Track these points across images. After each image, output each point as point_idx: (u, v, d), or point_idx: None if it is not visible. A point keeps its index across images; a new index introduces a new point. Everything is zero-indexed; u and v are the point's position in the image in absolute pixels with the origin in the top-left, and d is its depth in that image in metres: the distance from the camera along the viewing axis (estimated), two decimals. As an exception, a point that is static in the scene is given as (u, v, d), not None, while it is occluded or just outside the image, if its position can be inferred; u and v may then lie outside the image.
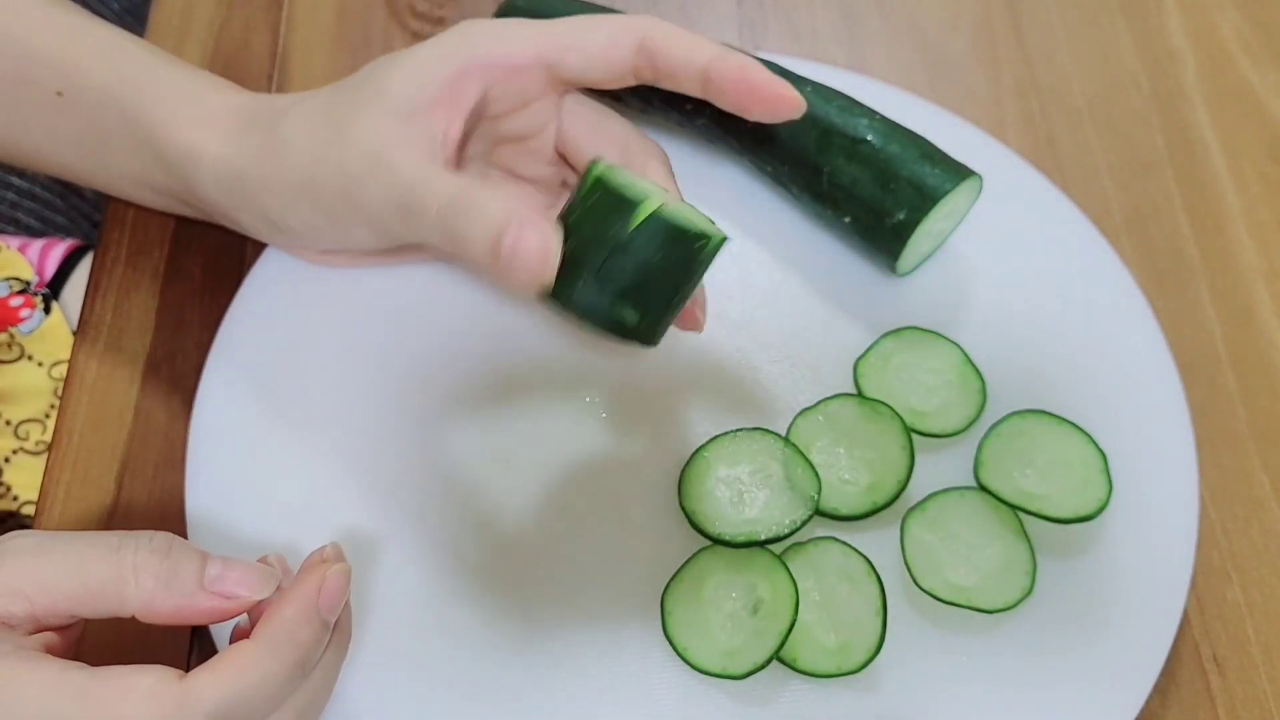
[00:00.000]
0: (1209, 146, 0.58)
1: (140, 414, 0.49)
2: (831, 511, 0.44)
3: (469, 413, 0.47)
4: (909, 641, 0.43)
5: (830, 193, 0.49)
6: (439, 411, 0.47)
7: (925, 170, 0.47)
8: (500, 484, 0.46)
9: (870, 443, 0.45)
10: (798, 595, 0.42)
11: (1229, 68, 0.60)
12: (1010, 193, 0.53)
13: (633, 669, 0.42)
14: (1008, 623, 0.43)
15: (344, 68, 0.59)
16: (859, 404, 0.46)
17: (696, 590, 0.43)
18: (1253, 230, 0.55)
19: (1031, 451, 0.45)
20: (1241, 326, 0.52)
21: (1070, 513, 0.43)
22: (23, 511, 0.62)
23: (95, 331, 0.51)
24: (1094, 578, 0.44)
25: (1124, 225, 0.55)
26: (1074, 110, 0.58)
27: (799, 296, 0.51)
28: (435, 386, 0.48)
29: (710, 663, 0.41)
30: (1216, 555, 0.47)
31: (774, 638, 0.41)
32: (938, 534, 0.43)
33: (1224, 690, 0.45)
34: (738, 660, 0.41)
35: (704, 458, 0.45)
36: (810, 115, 0.49)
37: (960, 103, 0.58)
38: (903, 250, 0.48)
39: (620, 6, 0.60)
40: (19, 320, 0.64)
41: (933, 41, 0.61)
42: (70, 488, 0.47)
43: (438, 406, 0.47)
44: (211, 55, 0.59)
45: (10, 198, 0.76)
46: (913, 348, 0.48)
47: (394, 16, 0.61)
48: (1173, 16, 0.62)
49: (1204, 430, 0.49)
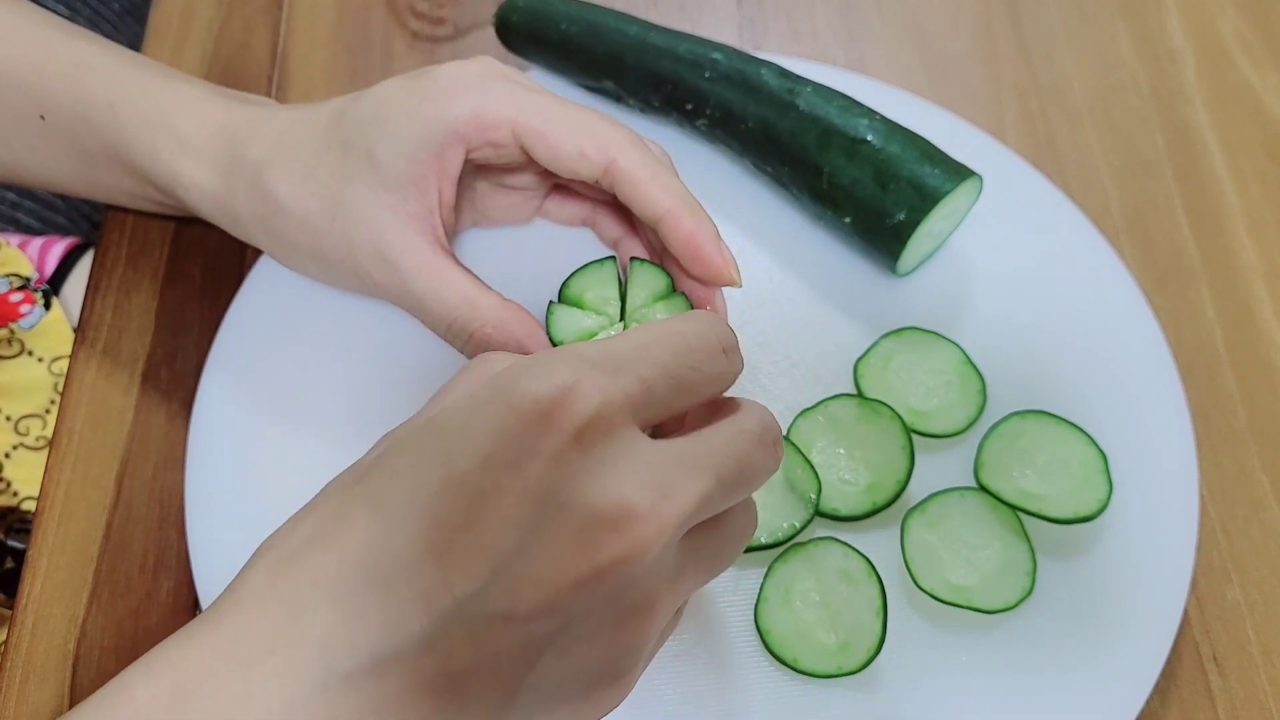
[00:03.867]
0: (1209, 146, 0.58)
1: (140, 414, 0.49)
2: (831, 512, 0.44)
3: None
4: (909, 641, 0.43)
5: (830, 193, 0.49)
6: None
7: (925, 170, 0.47)
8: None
9: (870, 443, 0.45)
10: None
11: (1229, 68, 0.60)
12: (1010, 193, 0.53)
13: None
14: (1008, 623, 0.43)
15: (344, 68, 0.59)
16: (859, 404, 0.46)
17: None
18: (1253, 230, 0.55)
19: (1032, 452, 0.45)
20: (1241, 326, 0.52)
21: (1070, 513, 0.43)
22: (23, 507, 0.62)
23: (95, 332, 0.51)
24: (1094, 578, 0.44)
25: (1124, 225, 0.55)
26: (1074, 110, 0.58)
27: (799, 296, 0.51)
28: (435, 387, 0.48)
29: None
30: (1216, 555, 0.47)
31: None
32: (938, 534, 0.43)
33: (1224, 690, 0.45)
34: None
35: (704, 458, 0.45)
36: (810, 115, 0.49)
37: (960, 103, 0.58)
38: (903, 250, 0.48)
39: (621, 5, 0.60)
40: (19, 316, 0.64)
41: (933, 41, 0.61)
42: (70, 487, 0.47)
43: (438, 406, 0.47)
44: (211, 56, 0.59)
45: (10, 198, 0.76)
46: (913, 348, 0.48)
47: (394, 16, 0.61)
48: (1173, 16, 0.62)
49: (1204, 430, 0.49)
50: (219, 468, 0.46)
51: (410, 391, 0.48)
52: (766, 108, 0.50)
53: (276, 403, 0.47)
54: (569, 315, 0.42)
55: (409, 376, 0.48)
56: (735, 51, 0.52)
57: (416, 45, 0.60)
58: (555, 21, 0.54)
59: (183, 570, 0.46)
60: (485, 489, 0.27)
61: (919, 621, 0.43)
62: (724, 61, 0.51)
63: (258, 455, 0.46)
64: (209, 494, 0.45)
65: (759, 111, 0.50)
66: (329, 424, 0.47)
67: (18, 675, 0.44)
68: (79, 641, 0.45)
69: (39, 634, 0.45)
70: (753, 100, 0.51)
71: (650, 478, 0.28)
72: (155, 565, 0.46)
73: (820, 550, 0.43)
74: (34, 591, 0.45)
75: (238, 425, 0.47)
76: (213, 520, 0.45)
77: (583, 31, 0.54)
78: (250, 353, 0.48)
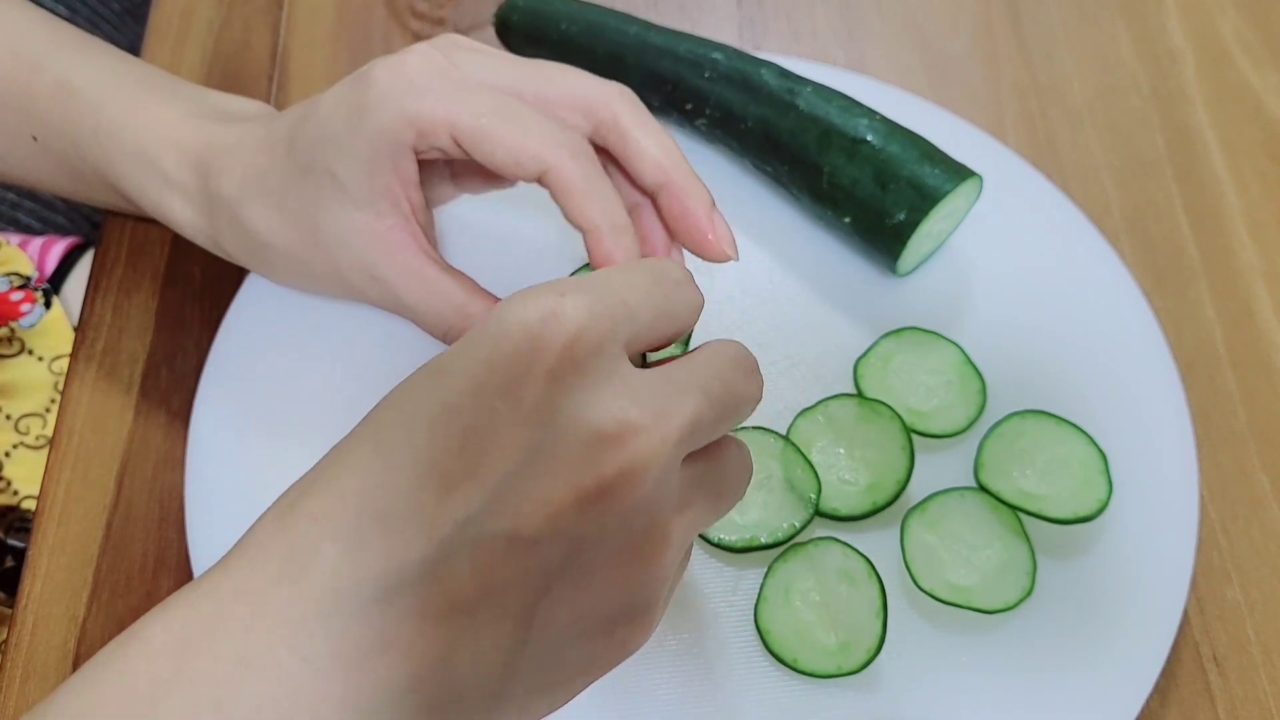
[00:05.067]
0: (1209, 146, 0.58)
1: (140, 414, 0.49)
2: (831, 512, 0.44)
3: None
4: (909, 641, 0.43)
5: (830, 193, 0.49)
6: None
7: (925, 170, 0.47)
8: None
9: (870, 443, 0.45)
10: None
11: (1229, 68, 0.60)
12: (1010, 193, 0.53)
13: (631, 669, 0.42)
14: (1008, 623, 0.43)
15: (344, 67, 0.59)
16: (859, 404, 0.46)
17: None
18: (1253, 230, 0.55)
19: (1031, 452, 0.45)
20: (1241, 326, 0.52)
21: (1070, 513, 0.43)
22: (23, 505, 0.62)
23: (95, 332, 0.51)
24: (1094, 578, 0.44)
25: (1124, 225, 0.55)
26: (1074, 110, 0.58)
27: (799, 296, 0.51)
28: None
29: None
30: (1216, 555, 0.47)
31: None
32: (938, 534, 0.43)
33: (1224, 690, 0.45)
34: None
35: (704, 458, 0.45)
36: (810, 115, 0.49)
37: (960, 103, 0.58)
38: (903, 251, 0.48)
39: (621, 5, 0.60)
40: (19, 315, 0.64)
41: (933, 41, 0.61)
42: (70, 487, 0.47)
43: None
44: (211, 55, 0.59)
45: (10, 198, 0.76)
46: (913, 348, 0.48)
47: (394, 16, 0.61)
48: (1173, 16, 0.62)
49: (1204, 430, 0.49)
50: (219, 467, 0.46)
51: (410, 391, 0.48)
52: (766, 108, 0.50)
53: (276, 403, 0.47)
54: None
55: (408, 375, 0.48)
56: (735, 51, 0.52)
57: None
58: (555, 21, 0.54)
59: (183, 570, 0.46)
60: (480, 415, 0.28)
61: (919, 621, 0.43)
62: (724, 61, 0.51)
63: (258, 455, 0.46)
64: (209, 494, 0.45)
65: (759, 111, 0.50)
66: (329, 424, 0.47)
67: (18, 675, 0.44)
68: (79, 641, 0.45)
69: (39, 634, 0.45)
70: (753, 100, 0.51)
71: (645, 395, 0.29)
72: (155, 565, 0.46)
73: (820, 550, 0.43)
74: (34, 591, 0.45)
75: (238, 425, 0.47)
76: (213, 520, 0.45)
77: (583, 31, 0.54)
78: (250, 353, 0.48)
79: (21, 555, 0.52)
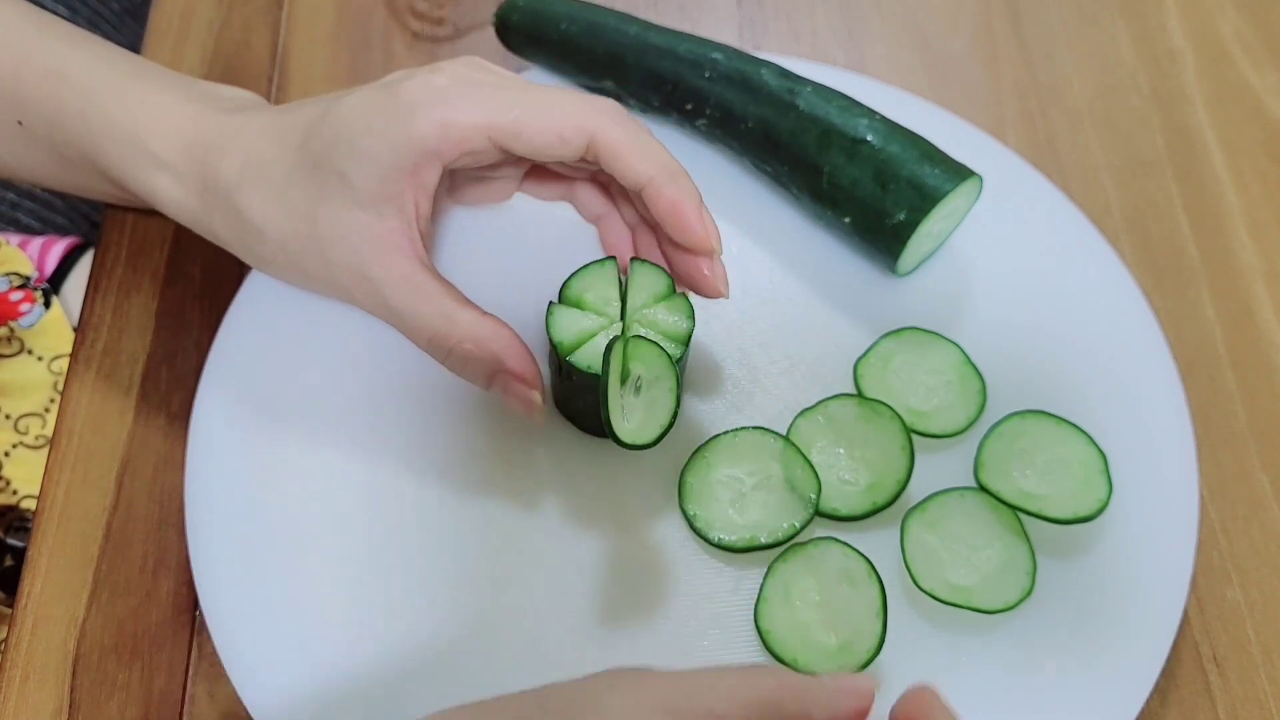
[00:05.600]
0: (1209, 146, 0.58)
1: (140, 414, 0.49)
2: (831, 512, 0.44)
3: (467, 410, 0.47)
4: (909, 641, 0.43)
5: (830, 193, 0.49)
6: (438, 409, 0.47)
7: (925, 170, 0.47)
8: (498, 485, 0.46)
9: (870, 443, 0.45)
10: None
11: (1229, 68, 0.60)
12: (1010, 193, 0.53)
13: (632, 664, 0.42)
14: (1008, 623, 0.43)
15: (344, 68, 0.59)
16: (859, 404, 0.46)
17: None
18: (1253, 230, 0.55)
19: (1031, 452, 0.45)
20: (1241, 326, 0.52)
21: (1070, 513, 0.43)
22: (22, 505, 0.62)
23: (95, 332, 0.51)
24: (1094, 578, 0.44)
25: (1124, 225, 0.55)
26: (1074, 110, 0.58)
27: (799, 296, 0.51)
28: (435, 386, 0.48)
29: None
30: (1216, 555, 0.47)
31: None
32: (938, 534, 0.43)
33: (1224, 690, 0.45)
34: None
35: (704, 458, 0.45)
36: (810, 115, 0.49)
37: (960, 103, 0.58)
38: (903, 251, 0.48)
39: (621, 5, 0.60)
40: (19, 315, 0.64)
41: (933, 41, 0.61)
42: (70, 488, 0.47)
43: (437, 405, 0.47)
44: (211, 55, 0.59)
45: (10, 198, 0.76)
46: (913, 348, 0.48)
47: (394, 16, 0.61)
48: (1173, 16, 0.62)
49: (1204, 430, 0.49)
50: (218, 468, 0.46)
51: (408, 391, 0.48)
52: (766, 108, 0.50)
53: (276, 403, 0.47)
54: (569, 316, 0.42)
55: (408, 376, 0.48)
56: (735, 51, 0.52)
57: (416, 45, 0.60)
58: (555, 21, 0.54)
59: (183, 570, 0.46)
60: None
61: (919, 621, 0.43)
62: (724, 61, 0.51)
63: (257, 456, 0.46)
64: (208, 494, 0.45)
65: (759, 111, 0.50)
66: (329, 424, 0.47)
67: (18, 675, 0.44)
68: (79, 641, 0.45)
69: (39, 634, 0.45)
70: (753, 100, 0.51)
71: None
72: (155, 565, 0.46)
73: (820, 550, 0.43)
74: (34, 591, 0.45)
75: (237, 425, 0.47)
76: (212, 520, 0.45)
77: (583, 31, 0.54)
78: (250, 353, 0.48)
79: (21, 555, 0.52)
